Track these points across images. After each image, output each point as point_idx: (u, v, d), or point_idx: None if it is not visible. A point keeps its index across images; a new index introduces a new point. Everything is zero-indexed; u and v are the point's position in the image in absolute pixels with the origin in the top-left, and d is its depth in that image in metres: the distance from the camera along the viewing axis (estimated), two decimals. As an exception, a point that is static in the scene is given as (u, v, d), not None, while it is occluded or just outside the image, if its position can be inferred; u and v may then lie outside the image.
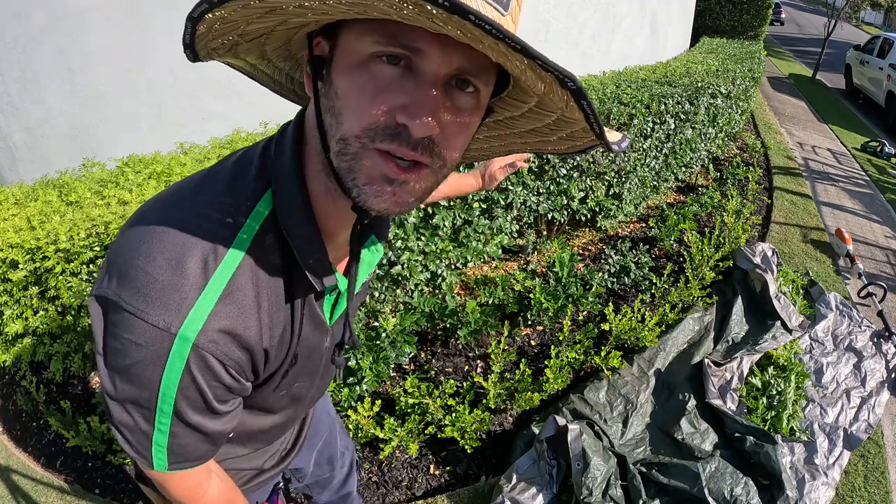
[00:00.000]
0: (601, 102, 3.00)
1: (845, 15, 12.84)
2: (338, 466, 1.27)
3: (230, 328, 0.53)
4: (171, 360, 0.51)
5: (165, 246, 0.51)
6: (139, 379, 0.53)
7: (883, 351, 2.72)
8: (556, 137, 0.57)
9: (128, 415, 0.56)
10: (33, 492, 1.87)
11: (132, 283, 0.51)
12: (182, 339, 0.51)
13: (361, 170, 0.47)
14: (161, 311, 0.50)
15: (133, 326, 0.51)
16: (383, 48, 0.43)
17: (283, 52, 0.56)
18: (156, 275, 0.51)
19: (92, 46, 2.57)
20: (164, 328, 0.50)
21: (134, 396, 0.54)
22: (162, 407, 0.54)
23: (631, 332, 2.31)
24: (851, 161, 6.39)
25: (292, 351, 0.63)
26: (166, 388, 0.53)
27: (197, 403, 0.55)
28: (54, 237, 1.71)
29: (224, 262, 0.52)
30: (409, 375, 2.08)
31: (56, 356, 1.88)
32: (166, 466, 0.60)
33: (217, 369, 0.54)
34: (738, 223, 3.27)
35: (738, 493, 1.78)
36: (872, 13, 27.91)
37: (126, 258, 0.53)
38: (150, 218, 0.54)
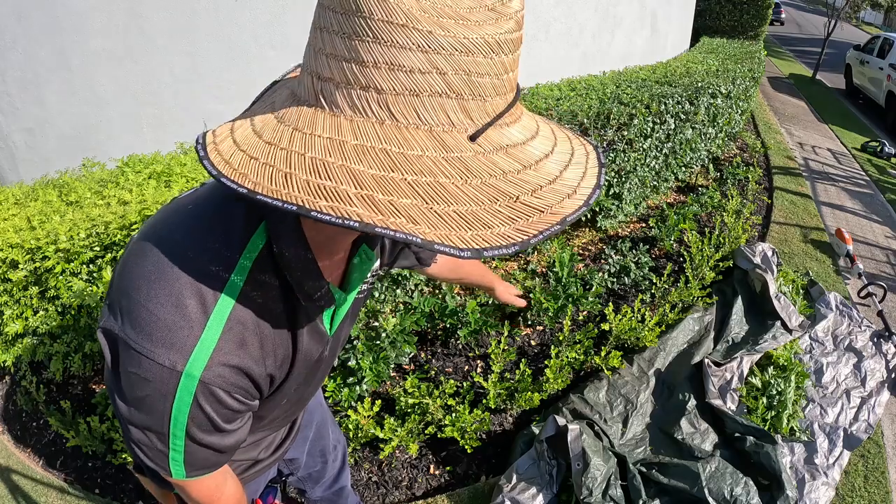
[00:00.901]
0: (601, 102, 3.01)
1: (845, 15, 12.85)
2: (330, 459, 1.28)
3: (234, 362, 0.55)
4: (180, 394, 0.54)
5: (164, 284, 0.53)
6: (150, 409, 0.56)
7: (883, 351, 2.72)
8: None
9: (144, 435, 0.59)
10: (33, 492, 1.87)
11: (136, 321, 0.53)
12: (188, 377, 0.53)
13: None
14: (166, 351, 0.52)
15: (140, 363, 0.53)
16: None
17: None
18: (158, 314, 0.52)
19: (92, 46, 2.57)
20: (170, 367, 0.52)
21: (147, 423, 0.57)
22: (174, 432, 0.57)
23: (631, 332, 2.31)
24: (851, 161, 6.39)
25: (295, 367, 0.66)
26: (177, 417, 0.56)
27: (207, 427, 0.58)
28: (54, 237, 1.71)
29: (223, 296, 0.54)
30: (409, 375, 2.08)
31: (56, 356, 1.88)
32: (185, 475, 0.63)
33: (223, 398, 0.56)
34: (738, 223, 3.27)
35: (738, 493, 1.78)
36: (872, 13, 27.90)
37: (128, 295, 0.54)
38: (149, 254, 0.55)
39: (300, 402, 0.84)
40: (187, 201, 0.61)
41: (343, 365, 2.05)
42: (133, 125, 2.80)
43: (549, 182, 0.47)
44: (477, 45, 0.42)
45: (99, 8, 2.52)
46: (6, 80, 2.52)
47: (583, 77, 3.89)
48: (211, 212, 0.57)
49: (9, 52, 2.48)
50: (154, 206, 1.73)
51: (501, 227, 0.42)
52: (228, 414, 0.59)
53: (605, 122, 2.90)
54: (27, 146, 2.67)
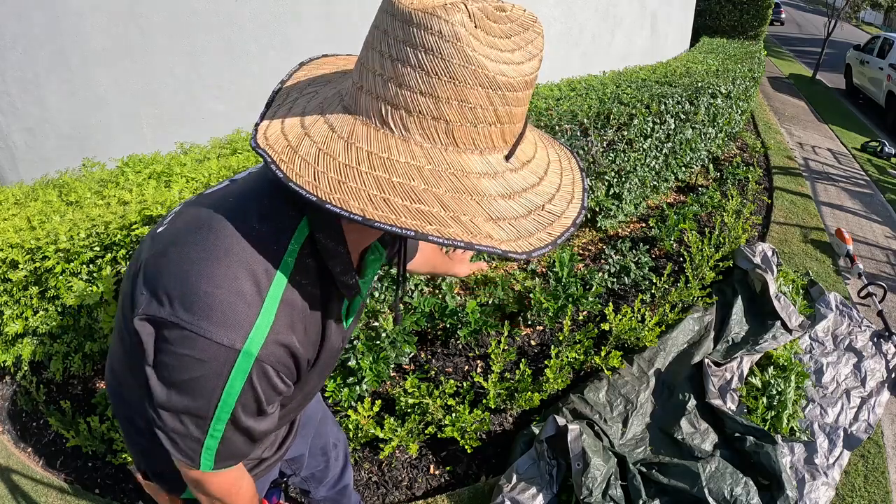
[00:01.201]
0: (601, 102, 3.00)
1: (845, 15, 12.85)
2: (332, 457, 1.29)
3: (284, 340, 0.59)
4: (234, 373, 0.57)
5: (221, 268, 0.56)
6: (199, 391, 0.58)
7: (883, 351, 2.72)
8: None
9: (180, 423, 0.61)
10: (33, 492, 1.87)
11: (192, 304, 0.55)
12: (246, 355, 0.56)
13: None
14: (224, 330, 0.55)
15: (195, 344, 0.55)
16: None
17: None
18: (215, 295, 0.55)
19: (92, 46, 2.57)
20: (228, 345, 0.55)
21: (190, 407, 0.59)
22: (219, 415, 0.60)
23: (631, 332, 2.31)
24: (851, 161, 6.39)
25: (321, 356, 0.69)
26: (227, 397, 0.58)
27: (251, 409, 0.62)
28: (54, 237, 1.71)
29: (275, 280, 0.58)
30: (409, 375, 2.08)
31: (56, 356, 1.88)
32: (212, 467, 0.65)
33: (273, 378, 0.60)
34: (738, 223, 3.27)
35: (738, 493, 1.78)
36: (872, 13, 27.89)
37: (180, 280, 0.57)
38: (197, 241, 0.59)
39: (308, 397, 0.86)
40: (226, 194, 0.65)
41: (343, 365, 2.05)
42: (133, 125, 2.80)
43: (556, 190, 0.57)
44: (519, 84, 0.51)
45: (99, 8, 2.52)
46: (6, 80, 2.51)
47: (583, 77, 3.89)
48: (256, 203, 0.62)
49: (9, 52, 2.48)
50: (154, 206, 1.73)
51: (539, 234, 0.52)
52: (272, 396, 0.62)
53: (605, 122, 2.90)
54: (27, 146, 2.67)
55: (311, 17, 3.03)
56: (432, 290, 2.60)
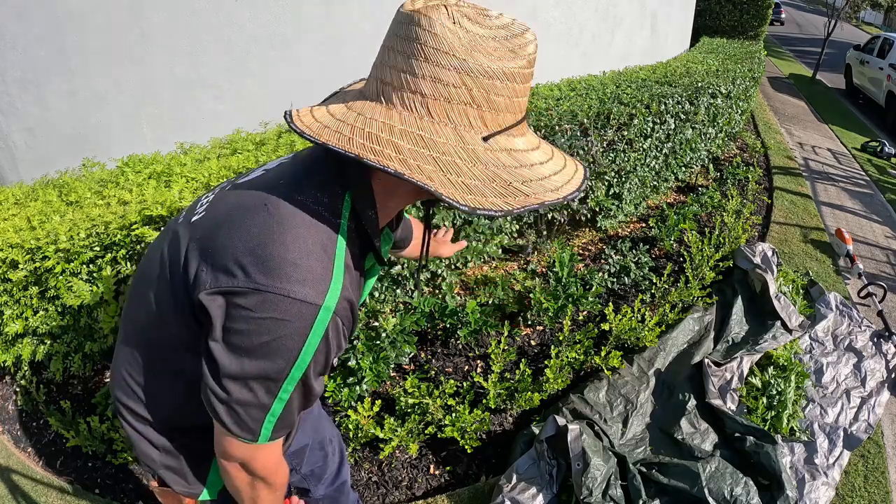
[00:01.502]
0: (601, 102, 3.00)
1: (845, 15, 12.85)
2: (329, 452, 1.30)
3: (349, 297, 0.67)
4: (315, 328, 0.64)
5: (293, 237, 0.64)
6: (278, 352, 0.63)
7: (883, 351, 2.72)
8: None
9: (249, 391, 0.65)
10: (33, 492, 1.87)
11: (272, 269, 0.62)
12: (326, 309, 0.64)
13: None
14: (306, 288, 0.62)
15: (277, 305, 0.61)
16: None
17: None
18: (295, 260, 0.63)
19: (92, 46, 2.57)
20: (311, 301, 0.62)
21: (265, 371, 0.64)
22: (294, 374, 0.65)
23: (631, 332, 2.31)
24: (851, 161, 6.39)
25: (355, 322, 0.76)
26: (305, 354, 0.64)
27: (321, 365, 0.68)
28: (54, 237, 1.71)
29: (337, 247, 0.67)
30: (409, 375, 2.08)
31: (56, 356, 1.88)
32: (269, 437, 0.70)
33: (341, 331, 0.67)
34: (738, 223, 3.27)
35: (738, 493, 1.78)
36: (872, 13, 27.89)
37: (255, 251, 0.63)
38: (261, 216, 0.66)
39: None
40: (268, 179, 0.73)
41: (343, 365, 2.05)
42: (133, 125, 2.80)
43: (538, 179, 0.64)
44: (496, 73, 0.60)
45: (99, 8, 2.52)
46: (6, 80, 2.51)
47: (583, 77, 3.89)
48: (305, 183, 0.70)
49: (9, 52, 2.47)
50: (154, 206, 1.73)
51: (494, 199, 0.61)
52: (337, 351, 0.69)
53: (605, 122, 2.90)
54: (27, 146, 2.67)
55: (312, 17, 3.03)
56: (432, 290, 2.60)
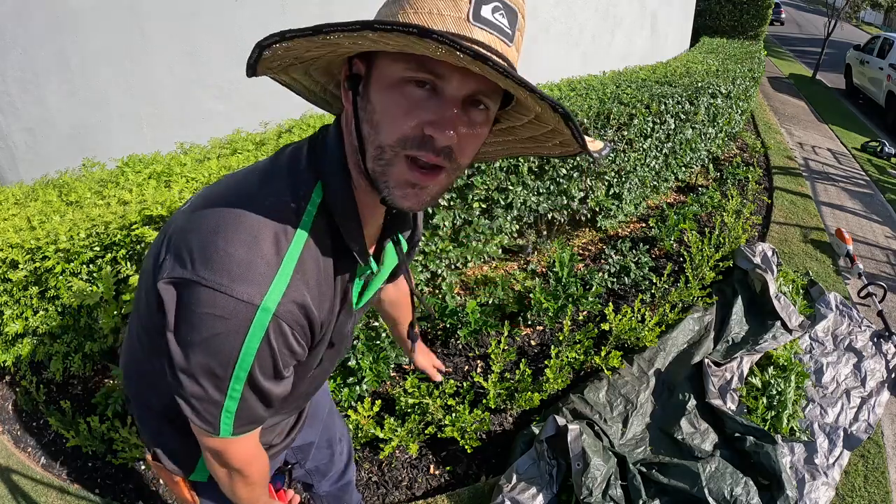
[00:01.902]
0: (601, 102, 3.00)
1: (845, 15, 12.84)
2: (336, 451, 1.30)
3: (300, 299, 0.62)
4: (253, 330, 0.59)
5: (241, 229, 0.59)
6: (218, 350, 0.60)
7: (883, 351, 2.72)
8: (551, 144, 0.68)
9: (199, 386, 0.62)
10: (33, 492, 1.87)
11: (213, 262, 0.58)
12: (264, 310, 0.59)
13: (392, 174, 0.58)
14: (244, 286, 0.58)
15: (216, 301, 0.58)
16: (414, 74, 0.54)
17: (324, 70, 0.67)
18: (236, 254, 0.58)
19: (92, 46, 2.57)
20: (248, 300, 0.58)
21: (210, 367, 0.61)
22: (238, 374, 0.62)
23: (631, 332, 2.31)
24: (851, 161, 6.39)
25: (331, 327, 0.71)
26: (245, 355, 0.60)
27: (268, 370, 0.63)
28: (54, 237, 1.71)
29: (294, 241, 0.61)
30: (409, 375, 2.08)
31: (56, 356, 1.88)
32: (231, 431, 0.67)
33: (289, 336, 0.62)
34: (738, 223, 3.27)
35: (738, 493, 1.78)
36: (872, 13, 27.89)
37: (202, 240, 0.60)
38: (220, 205, 0.62)
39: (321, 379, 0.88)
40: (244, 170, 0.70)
41: (343, 365, 2.05)
42: (133, 125, 2.80)
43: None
44: None
45: (99, 8, 2.52)
46: (6, 80, 2.52)
47: (583, 77, 3.89)
48: (274, 170, 0.66)
49: (9, 52, 2.48)
50: (154, 206, 1.73)
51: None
52: (287, 356, 0.64)
53: (605, 122, 2.90)
54: (27, 146, 2.67)
55: (312, 17, 3.03)
56: (432, 290, 2.60)
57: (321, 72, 0.67)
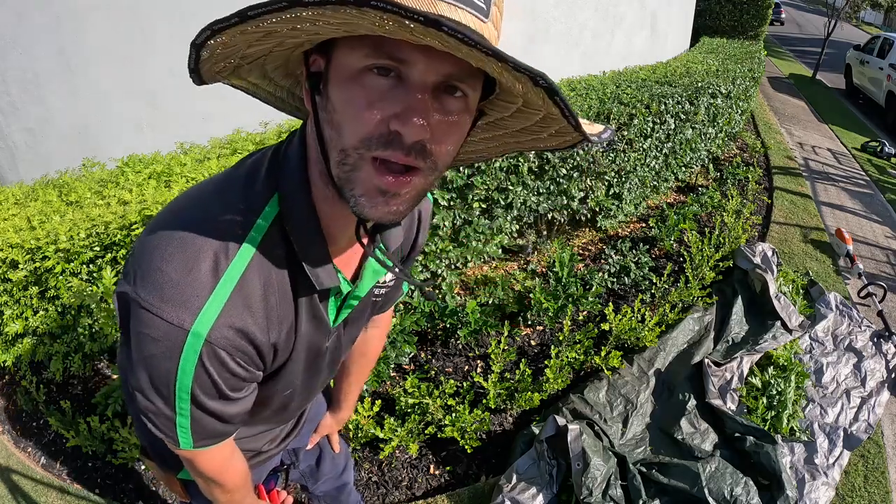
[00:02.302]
0: (601, 102, 3.00)
1: (845, 15, 12.84)
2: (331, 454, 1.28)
3: (239, 324, 0.57)
4: (185, 354, 0.55)
5: (181, 246, 0.55)
6: (157, 370, 0.57)
7: (883, 351, 2.72)
8: (547, 134, 0.60)
9: (148, 401, 0.60)
10: (33, 492, 1.87)
11: (149, 281, 0.55)
12: (195, 335, 0.55)
13: (358, 181, 0.50)
14: (175, 309, 0.54)
15: (150, 322, 0.55)
16: (373, 60, 0.46)
17: (283, 70, 0.60)
18: (171, 274, 0.54)
19: (92, 46, 2.57)
20: (178, 324, 0.54)
21: (152, 385, 0.59)
22: (180, 395, 0.59)
23: (631, 332, 2.31)
24: (851, 161, 6.39)
25: (296, 349, 0.67)
26: (182, 378, 0.57)
27: (211, 392, 0.60)
28: (54, 237, 1.71)
29: (234, 261, 0.56)
30: (409, 375, 2.08)
31: (56, 356, 1.88)
32: (192, 445, 0.65)
33: (227, 362, 0.58)
34: (738, 223, 3.27)
35: (738, 493, 1.78)
36: (872, 13, 27.90)
37: (145, 258, 0.56)
38: (169, 220, 0.58)
39: (307, 395, 0.85)
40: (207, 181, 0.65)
41: (343, 365, 2.05)
42: (133, 125, 2.80)
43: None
44: None
45: (99, 7, 2.52)
46: (6, 79, 2.52)
47: (583, 77, 3.89)
48: (230, 183, 0.61)
49: (9, 51, 2.48)
50: (154, 206, 1.73)
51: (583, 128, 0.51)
52: (232, 380, 0.60)
53: (604, 122, 2.90)
54: (27, 146, 2.67)
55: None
56: (432, 290, 2.60)
57: (281, 73, 0.61)
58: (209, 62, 0.50)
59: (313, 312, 0.66)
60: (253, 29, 0.43)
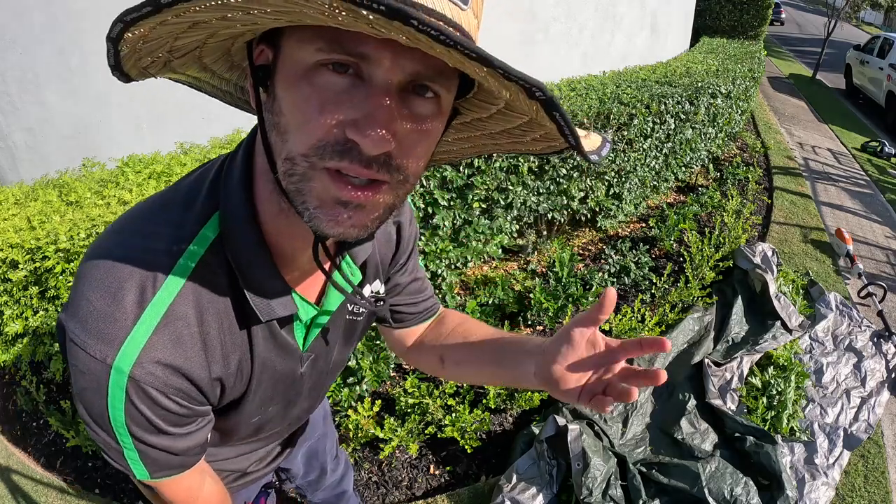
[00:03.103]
0: (601, 102, 3.00)
1: (845, 15, 12.85)
2: (330, 469, 1.27)
3: (167, 359, 0.51)
4: (112, 390, 0.51)
5: (108, 274, 0.50)
6: (91, 404, 0.53)
7: (883, 351, 2.72)
8: (530, 139, 0.53)
9: (96, 434, 0.56)
10: (33, 492, 1.87)
11: (76, 311, 0.50)
12: (117, 371, 0.49)
13: (311, 192, 0.43)
14: (97, 343, 0.49)
15: (77, 356, 0.50)
16: (327, 55, 0.39)
17: (226, 63, 0.52)
18: (95, 304, 0.49)
19: (92, 46, 2.57)
20: (100, 359, 0.49)
21: (93, 418, 0.54)
22: (117, 429, 0.54)
23: (631, 332, 2.31)
24: (851, 161, 6.39)
25: (255, 378, 0.60)
26: (114, 413, 0.52)
27: (148, 427, 0.54)
28: (54, 237, 1.71)
29: (162, 290, 0.50)
30: (409, 375, 2.08)
31: (56, 356, 1.88)
32: (149, 476, 0.60)
33: (158, 399, 0.52)
34: (738, 223, 3.27)
35: (738, 493, 1.78)
36: (872, 13, 27.90)
37: (76, 285, 0.51)
38: (103, 244, 0.53)
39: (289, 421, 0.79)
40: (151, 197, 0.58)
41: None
42: (133, 125, 2.80)
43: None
44: None
45: (99, 7, 2.52)
46: (6, 79, 2.52)
47: (583, 77, 3.89)
48: (171, 202, 0.55)
49: (9, 52, 2.48)
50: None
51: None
52: (169, 416, 0.54)
53: (605, 122, 2.89)
54: (27, 146, 2.67)
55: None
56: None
57: (224, 66, 0.52)
58: (132, 58, 0.43)
59: (275, 340, 0.59)
60: (173, 19, 0.36)
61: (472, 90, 0.49)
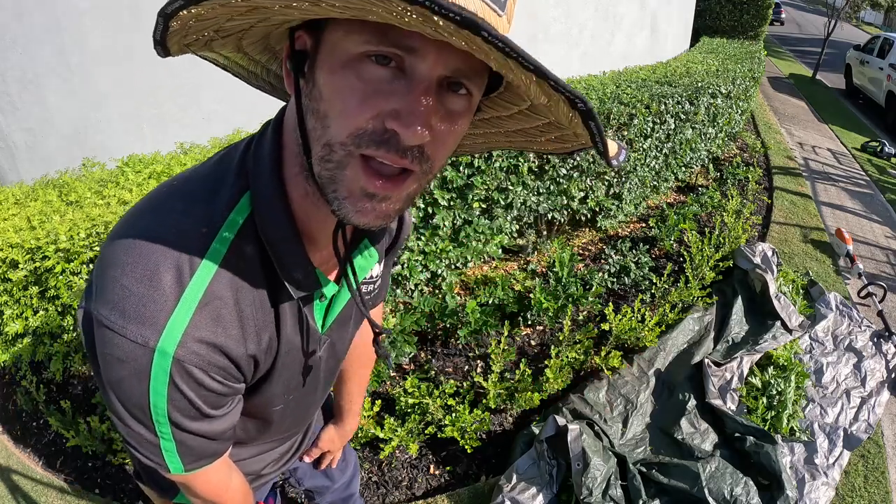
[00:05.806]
0: (601, 102, 3.00)
1: (845, 15, 12.85)
2: (339, 469, 1.27)
3: (209, 338, 0.52)
4: (154, 374, 0.51)
5: (141, 258, 0.50)
6: (128, 393, 0.53)
7: (883, 351, 2.72)
8: (545, 139, 0.56)
9: (130, 428, 0.56)
10: (33, 492, 1.87)
11: (110, 297, 0.50)
12: (161, 353, 0.50)
13: (343, 181, 0.45)
14: (138, 326, 0.49)
15: (114, 343, 0.50)
16: (375, 48, 0.40)
17: (261, 45, 0.53)
18: (131, 288, 0.49)
19: (92, 46, 2.58)
20: (142, 343, 0.49)
21: (130, 411, 0.54)
22: (157, 418, 0.54)
23: (631, 332, 2.31)
24: (851, 161, 6.39)
25: (280, 357, 0.62)
26: (155, 400, 0.53)
27: (190, 412, 0.55)
28: (54, 237, 1.71)
29: (199, 270, 0.51)
30: (409, 375, 2.08)
31: (56, 356, 1.88)
32: (183, 469, 0.60)
33: (202, 378, 0.53)
34: (738, 223, 3.27)
35: (738, 493, 1.78)
36: (872, 13, 27.89)
37: (105, 271, 0.51)
38: (130, 228, 0.53)
39: (303, 411, 0.81)
40: (173, 178, 0.59)
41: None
42: (133, 125, 2.80)
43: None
44: None
45: (99, 7, 2.52)
46: (6, 79, 2.52)
47: (582, 77, 3.89)
48: (197, 184, 0.56)
49: (9, 51, 2.48)
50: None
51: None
52: (211, 397, 0.55)
53: (605, 122, 2.90)
54: (27, 146, 2.67)
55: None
56: (432, 290, 2.60)
57: (258, 48, 0.54)
58: (178, 34, 0.43)
59: (298, 319, 0.62)
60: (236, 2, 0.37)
61: (499, 90, 0.50)
